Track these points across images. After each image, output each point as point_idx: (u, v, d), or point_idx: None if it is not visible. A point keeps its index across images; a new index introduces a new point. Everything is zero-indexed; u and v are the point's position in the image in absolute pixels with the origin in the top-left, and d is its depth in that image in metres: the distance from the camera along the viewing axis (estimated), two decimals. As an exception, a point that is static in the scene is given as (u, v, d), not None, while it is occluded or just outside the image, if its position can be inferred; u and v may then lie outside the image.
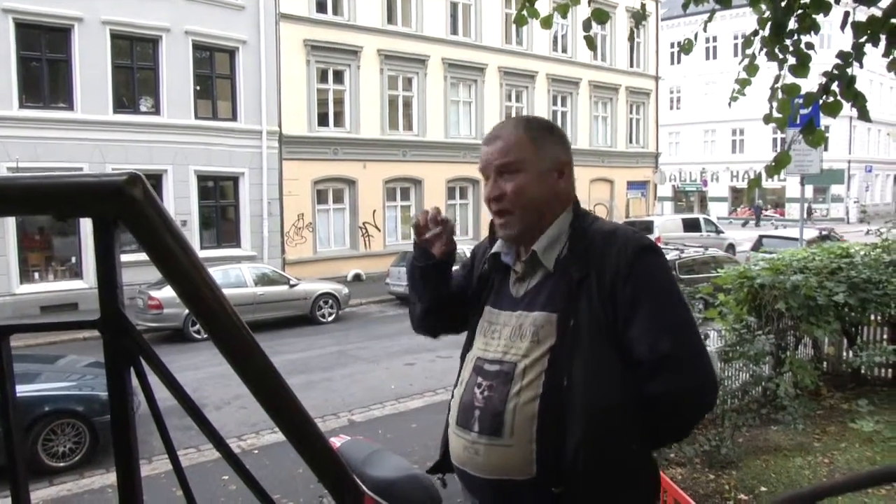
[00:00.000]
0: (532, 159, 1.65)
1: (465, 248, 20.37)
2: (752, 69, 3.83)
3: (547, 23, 3.79)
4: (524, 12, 3.84)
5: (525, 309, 1.65)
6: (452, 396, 1.77)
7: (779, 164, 3.59)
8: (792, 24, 3.47)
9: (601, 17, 3.60)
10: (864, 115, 3.25)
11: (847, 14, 3.28)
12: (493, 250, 1.79)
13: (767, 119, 3.69)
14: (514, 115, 23.84)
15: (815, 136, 3.47)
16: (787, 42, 3.49)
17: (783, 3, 3.40)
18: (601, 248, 1.59)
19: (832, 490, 1.41)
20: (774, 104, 3.64)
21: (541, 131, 1.70)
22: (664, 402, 1.53)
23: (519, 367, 1.58)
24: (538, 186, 1.65)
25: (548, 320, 1.59)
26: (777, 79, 3.57)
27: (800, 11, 3.43)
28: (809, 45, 3.50)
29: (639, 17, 4.07)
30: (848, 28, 3.26)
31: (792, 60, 3.49)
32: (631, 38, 4.42)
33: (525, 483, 1.56)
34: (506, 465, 1.57)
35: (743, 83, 3.91)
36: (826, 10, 3.40)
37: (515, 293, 1.71)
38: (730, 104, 4.28)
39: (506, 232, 1.69)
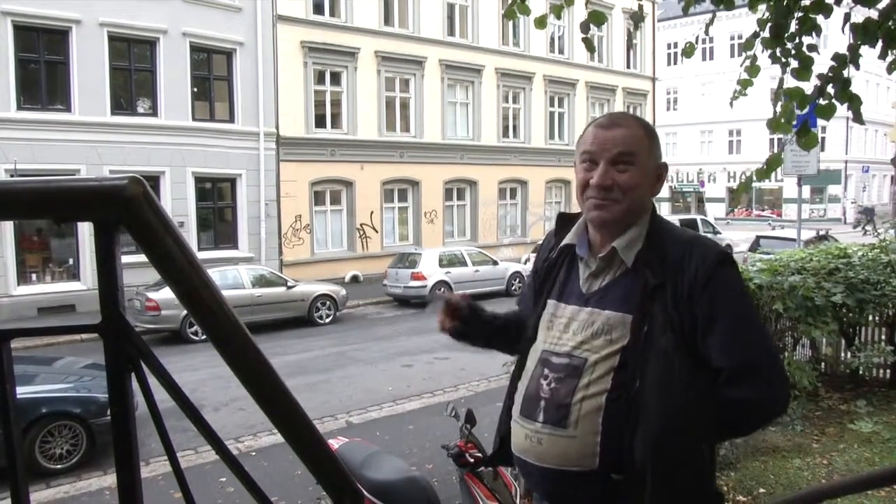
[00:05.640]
0: (646, 156, 1.68)
1: (462, 248, 19.97)
2: (753, 70, 3.83)
3: (541, 23, 3.77)
4: (514, 7, 3.83)
5: (596, 306, 1.67)
6: (516, 389, 1.79)
7: (770, 167, 3.59)
8: (793, 26, 3.47)
9: (599, 18, 3.60)
10: (857, 118, 3.26)
11: (848, 15, 3.29)
12: (566, 241, 1.79)
13: (772, 124, 3.67)
14: (511, 116, 23.88)
15: (808, 139, 3.48)
16: (789, 45, 3.49)
17: (784, 3, 3.40)
18: (679, 257, 1.60)
19: (832, 492, 1.41)
20: (778, 109, 3.64)
21: (652, 132, 1.74)
22: (742, 408, 1.58)
23: (589, 362, 1.61)
24: (645, 184, 1.68)
25: (622, 321, 1.61)
26: (780, 82, 3.57)
27: (800, 14, 3.43)
28: (812, 48, 3.49)
29: (637, 18, 4.08)
30: (845, 29, 3.27)
31: (794, 63, 3.50)
32: (629, 41, 4.37)
33: (584, 474, 1.59)
34: (567, 455, 1.60)
35: (745, 84, 3.91)
36: (827, 11, 3.40)
37: (585, 289, 1.72)
38: (731, 104, 4.29)
39: (602, 214, 1.67)
